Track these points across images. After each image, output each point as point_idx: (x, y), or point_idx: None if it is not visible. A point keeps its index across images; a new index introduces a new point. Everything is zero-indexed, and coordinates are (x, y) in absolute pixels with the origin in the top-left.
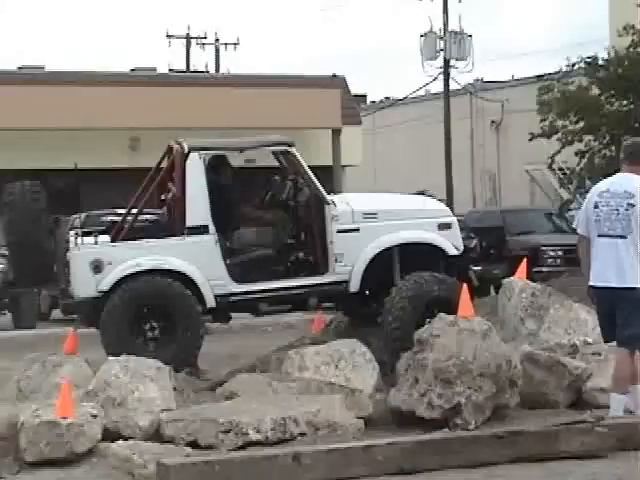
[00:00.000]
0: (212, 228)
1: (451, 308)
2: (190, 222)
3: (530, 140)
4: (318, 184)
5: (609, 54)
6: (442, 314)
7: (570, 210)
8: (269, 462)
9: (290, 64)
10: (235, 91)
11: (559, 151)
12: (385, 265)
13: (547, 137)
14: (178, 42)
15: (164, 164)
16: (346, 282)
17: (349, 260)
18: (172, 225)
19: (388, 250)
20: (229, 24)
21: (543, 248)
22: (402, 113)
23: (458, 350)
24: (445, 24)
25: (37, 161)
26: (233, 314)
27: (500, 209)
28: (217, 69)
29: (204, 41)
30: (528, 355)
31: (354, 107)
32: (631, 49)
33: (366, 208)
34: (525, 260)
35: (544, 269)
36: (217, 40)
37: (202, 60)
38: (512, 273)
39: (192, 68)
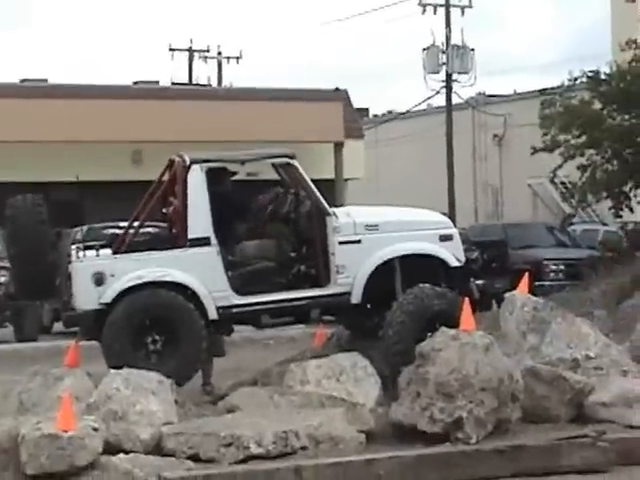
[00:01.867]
0: (214, 240)
1: (452, 322)
2: (192, 234)
3: (532, 154)
4: (319, 196)
5: (611, 68)
6: (444, 328)
7: (572, 224)
8: (270, 476)
9: (292, 78)
10: (237, 104)
11: (561, 165)
12: (387, 277)
13: (549, 151)
14: (181, 55)
15: (165, 177)
16: (348, 294)
17: (351, 272)
18: (173, 238)
19: (390, 262)
20: (232, 38)
21: (545, 262)
22: (404, 127)
23: (460, 364)
24: (447, 38)
25: (39, 174)
26: (235, 327)
27: (502, 223)
28: (219, 82)
29: (207, 54)
30: (530, 369)
31: (356, 120)
32: (633, 63)
33: (367, 220)
34: (527, 274)
35: (546, 283)
36: (219, 53)
37: (204, 73)
38: (514, 287)
39: (194, 81)
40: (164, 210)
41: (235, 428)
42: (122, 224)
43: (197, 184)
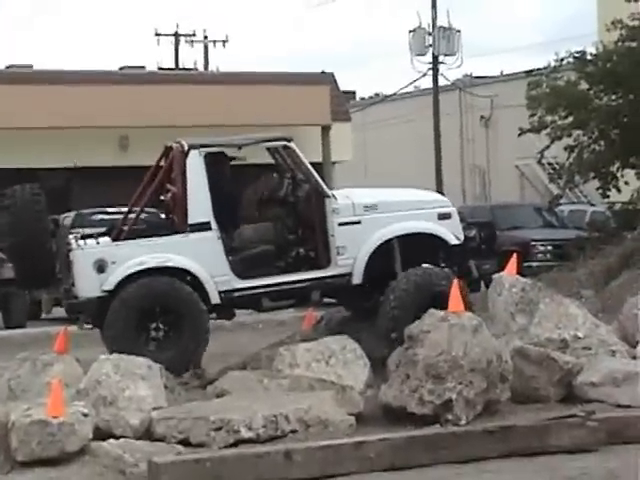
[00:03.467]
0: (214, 225)
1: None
2: (192, 219)
3: (519, 135)
4: (318, 178)
5: (597, 49)
6: (433, 310)
7: (559, 205)
8: (260, 459)
9: (279, 61)
10: (224, 89)
11: (548, 146)
12: (387, 257)
13: (536, 132)
14: (167, 40)
15: (161, 164)
16: (349, 275)
17: (351, 253)
18: (172, 224)
19: (389, 241)
20: (217, 21)
21: (533, 243)
22: (391, 109)
23: (449, 346)
24: (434, 20)
25: (25, 160)
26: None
27: (490, 204)
28: (206, 67)
29: (193, 39)
30: (518, 350)
31: (343, 104)
32: (619, 44)
33: (366, 201)
34: (515, 255)
35: (534, 264)
36: (206, 37)
37: (191, 58)
38: (502, 268)
39: (181, 66)
40: (162, 197)
41: (225, 412)
42: (110, 210)
43: (196, 169)
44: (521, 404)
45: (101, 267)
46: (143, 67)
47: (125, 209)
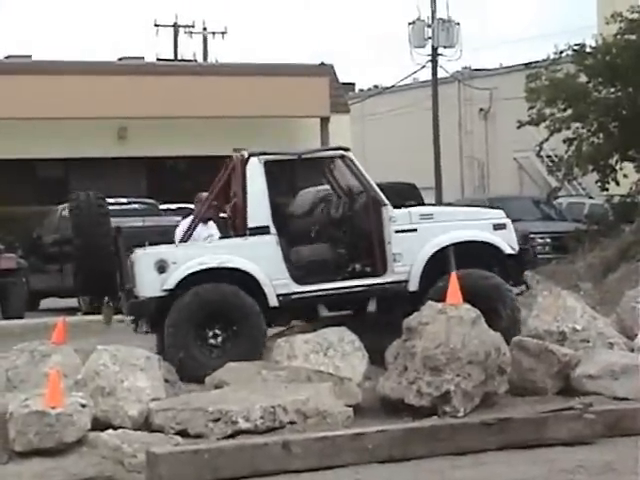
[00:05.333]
0: (273, 229)
1: (487, 315)
2: (252, 223)
3: (518, 128)
4: (375, 186)
5: (597, 42)
6: (431, 302)
7: (558, 198)
8: (258, 450)
9: (278, 53)
10: (223, 80)
11: (547, 139)
12: (442, 264)
13: (535, 125)
14: (166, 31)
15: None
16: (405, 282)
17: (407, 260)
18: (228, 229)
19: (445, 249)
20: (217, 13)
21: (532, 236)
22: (390, 101)
23: (447, 338)
24: (433, 12)
25: (25, 151)
26: None
27: (488, 197)
28: (205, 58)
29: (192, 30)
30: (517, 342)
31: (342, 95)
32: (618, 36)
33: (422, 210)
34: None
35: None
36: (205, 29)
37: (190, 49)
38: None
39: (180, 57)
40: (217, 203)
41: (223, 403)
42: (108, 200)
43: (255, 174)
44: (519, 396)
45: (162, 267)
46: (142, 58)
47: (123, 200)
